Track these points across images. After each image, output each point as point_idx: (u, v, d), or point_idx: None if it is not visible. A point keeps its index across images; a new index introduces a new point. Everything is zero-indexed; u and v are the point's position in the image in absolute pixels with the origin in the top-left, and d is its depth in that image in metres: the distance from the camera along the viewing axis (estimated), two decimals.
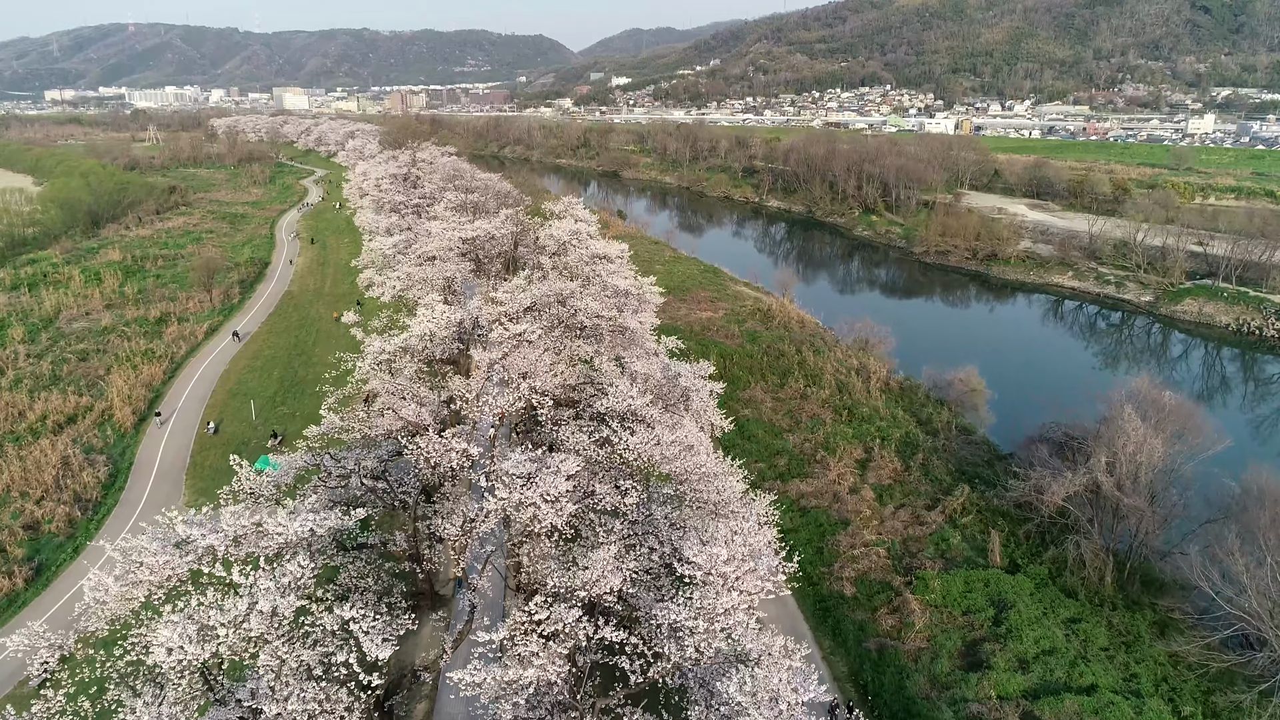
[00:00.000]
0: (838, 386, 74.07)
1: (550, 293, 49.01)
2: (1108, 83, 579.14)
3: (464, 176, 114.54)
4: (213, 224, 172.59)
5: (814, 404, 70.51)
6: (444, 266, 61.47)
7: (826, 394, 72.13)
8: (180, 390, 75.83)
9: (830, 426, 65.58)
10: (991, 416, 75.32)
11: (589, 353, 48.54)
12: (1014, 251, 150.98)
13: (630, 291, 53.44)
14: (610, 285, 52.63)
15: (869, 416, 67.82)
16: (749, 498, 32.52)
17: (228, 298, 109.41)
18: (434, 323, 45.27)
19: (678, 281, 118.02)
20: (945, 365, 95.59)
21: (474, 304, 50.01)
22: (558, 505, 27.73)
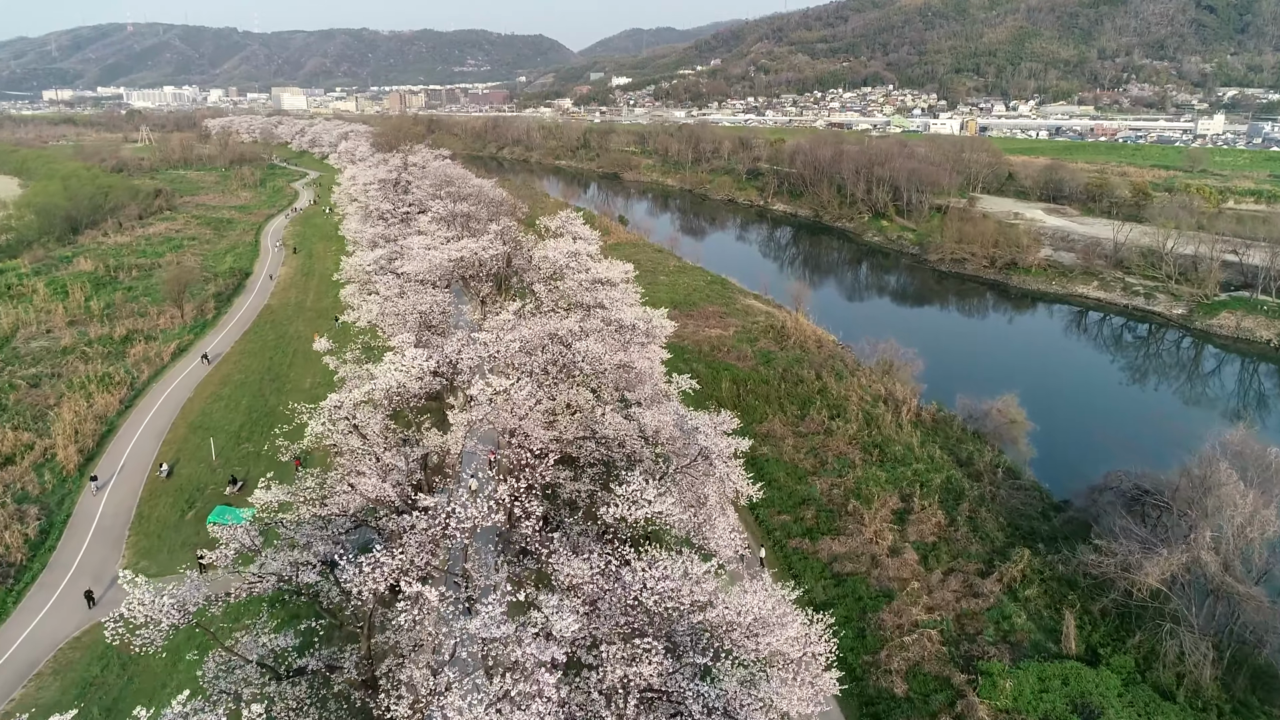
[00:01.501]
0: (865, 419, 66.77)
1: (544, 333, 41.83)
2: (1112, 83, 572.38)
3: (455, 183, 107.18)
4: (196, 229, 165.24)
5: (840, 440, 63.23)
6: (420, 297, 54.01)
7: (853, 429, 64.81)
8: (136, 423, 68.47)
9: (860, 469, 58.30)
10: (1031, 449, 68.17)
11: (589, 398, 41.42)
12: (1035, 260, 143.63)
13: (637, 325, 46.19)
14: (614, 319, 45.37)
15: (903, 456, 60.51)
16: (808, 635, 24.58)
17: (201, 313, 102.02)
18: (404, 371, 38.08)
19: (684, 295, 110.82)
20: (973, 385, 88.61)
21: (452, 346, 42.75)
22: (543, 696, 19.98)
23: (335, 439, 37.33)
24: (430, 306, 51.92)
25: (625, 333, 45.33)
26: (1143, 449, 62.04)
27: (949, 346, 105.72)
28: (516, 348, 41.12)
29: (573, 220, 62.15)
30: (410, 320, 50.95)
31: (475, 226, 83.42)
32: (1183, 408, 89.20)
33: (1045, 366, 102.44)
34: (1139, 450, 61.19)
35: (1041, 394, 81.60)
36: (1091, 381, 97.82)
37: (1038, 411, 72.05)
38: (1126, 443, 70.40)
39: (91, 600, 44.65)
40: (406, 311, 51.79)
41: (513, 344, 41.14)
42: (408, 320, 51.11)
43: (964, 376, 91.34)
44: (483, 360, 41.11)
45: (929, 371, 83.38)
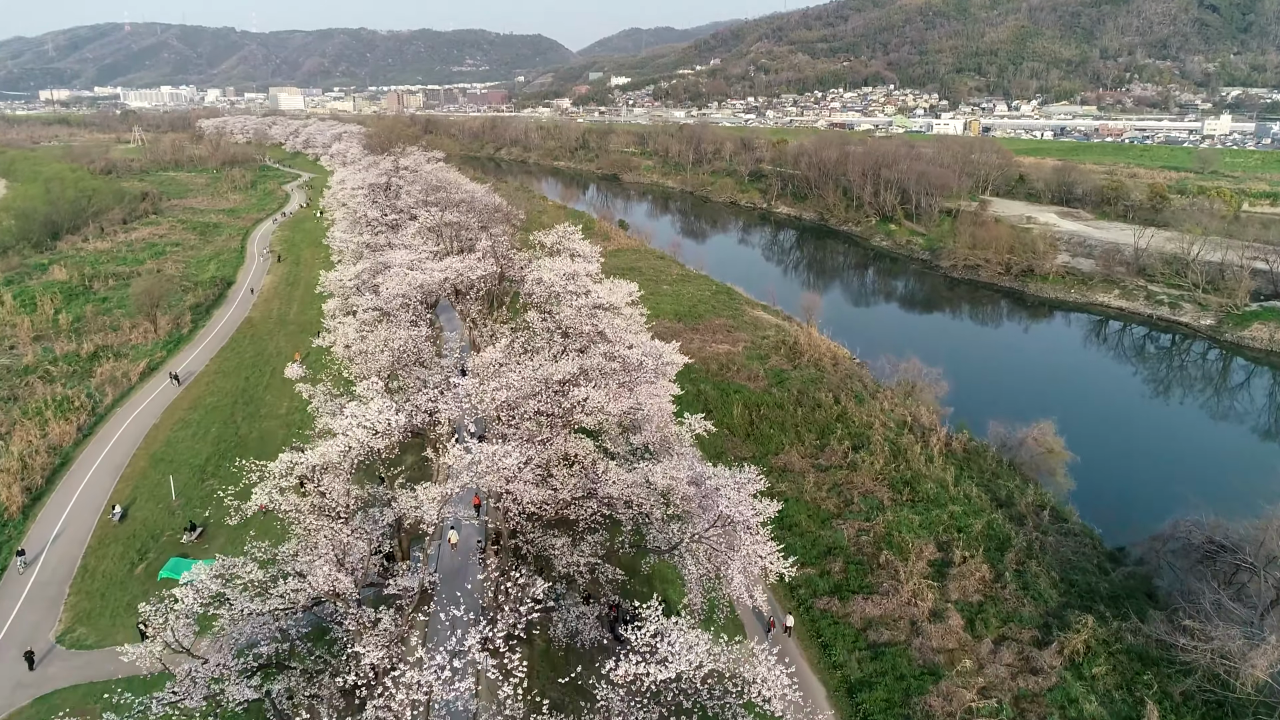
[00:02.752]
0: (891, 450, 60.92)
1: (535, 378, 35.98)
2: (1115, 82, 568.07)
3: (447, 188, 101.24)
4: (181, 235, 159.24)
5: (865, 476, 57.39)
6: (394, 332, 47.82)
7: (879, 463, 58.96)
8: (93, 456, 62.53)
9: (890, 511, 52.47)
10: (1070, 481, 62.40)
11: (589, 448, 35.66)
12: (1052, 267, 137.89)
13: (645, 362, 40.15)
14: (620, 355, 39.42)
15: (936, 496, 54.68)
16: None
17: (177, 326, 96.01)
18: (368, 428, 32.19)
19: (688, 305, 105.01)
20: (1001, 407, 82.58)
21: (425, 398, 36.80)
22: None
23: (285, 510, 31.61)
24: (405, 344, 45.66)
25: (631, 372, 39.47)
26: (1195, 481, 56.12)
27: (971, 362, 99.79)
28: (504, 397, 35.28)
29: (570, 235, 56.18)
30: (381, 360, 44.67)
31: (467, 236, 77.63)
32: (1233, 432, 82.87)
33: (1075, 384, 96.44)
34: (1190, 482, 55.29)
35: (1075, 416, 75.52)
36: (1127, 401, 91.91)
37: (1075, 438, 66.17)
38: (1176, 474, 64.63)
39: (31, 662, 39.20)
40: (375, 350, 45.52)
41: (498, 393, 35.29)
42: (378, 361, 44.88)
43: (990, 397, 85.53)
44: (464, 413, 35.52)
45: (954, 392, 77.63)
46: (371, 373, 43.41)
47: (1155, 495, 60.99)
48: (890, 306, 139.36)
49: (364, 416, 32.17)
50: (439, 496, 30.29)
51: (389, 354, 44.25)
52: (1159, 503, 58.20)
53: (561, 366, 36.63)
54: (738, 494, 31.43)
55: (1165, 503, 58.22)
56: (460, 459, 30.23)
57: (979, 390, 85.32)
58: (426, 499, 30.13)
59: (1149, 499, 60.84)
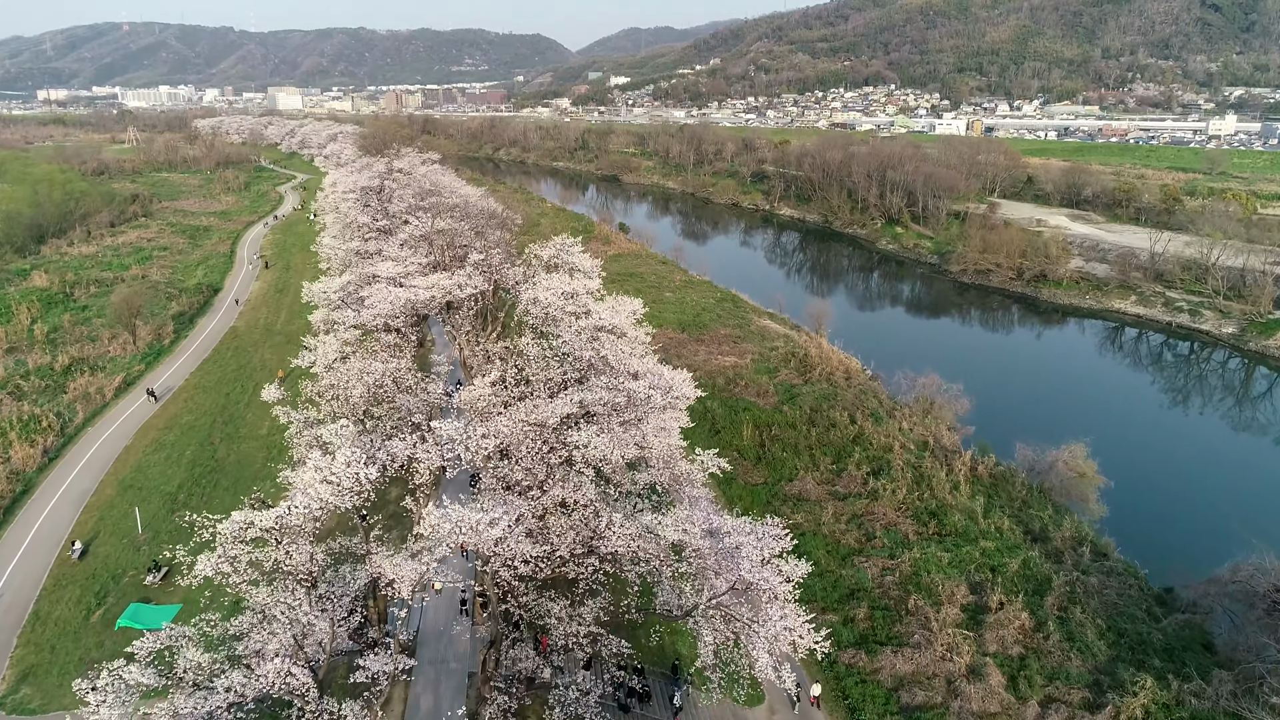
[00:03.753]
0: (914, 477, 56.74)
1: (528, 423, 31.67)
2: (1117, 82, 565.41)
3: (441, 192, 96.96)
4: (170, 239, 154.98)
5: (887, 506, 53.24)
6: (369, 366, 43.76)
7: (902, 491, 54.77)
8: (58, 482, 58.32)
9: (917, 548, 48.29)
10: (1102, 507, 58.31)
11: (588, 493, 31.45)
12: (1066, 272, 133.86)
13: (653, 396, 35.57)
14: (625, 388, 35.02)
15: (964, 529, 50.50)
16: None
17: (159, 337, 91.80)
18: (333, 484, 27.87)
19: (692, 314, 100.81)
20: (1025, 423, 78.61)
21: (401, 446, 32.35)
22: None
23: (235, 583, 27.35)
24: (382, 377, 41.12)
25: (638, 408, 35.10)
26: (1239, 510, 52.13)
27: (988, 374, 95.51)
28: (491, 447, 31.04)
29: (569, 249, 51.80)
30: (354, 397, 40.11)
31: (460, 244, 73.36)
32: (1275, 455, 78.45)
33: (1099, 397, 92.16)
34: (1234, 510, 51.32)
35: (1102, 433, 71.08)
36: (1157, 416, 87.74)
37: (1105, 459, 61.88)
38: (1218, 502, 60.50)
39: None
40: (349, 385, 40.96)
41: (485, 443, 31.02)
42: (350, 398, 40.34)
43: (1012, 413, 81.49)
44: (446, 464, 31.36)
45: (973, 407, 73.44)
46: (344, 410, 38.93)
47: (1198, 526, 56.93)
48: (900, 313, 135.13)
49: (329, 470, 27.95)
50: (413, 575, 26.03)
51: (363, 389, 39.81)
52: (1204, 536, 54.21)
53: (558, 406, 32.32)
54: (761, 553, 27.31)
55: (1210, 536, 54.28)
56: (439, 526, 26.04)
57: (999, 405, 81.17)
58: (401, 575, 25.90)
59: (1191, 530, 56.74)
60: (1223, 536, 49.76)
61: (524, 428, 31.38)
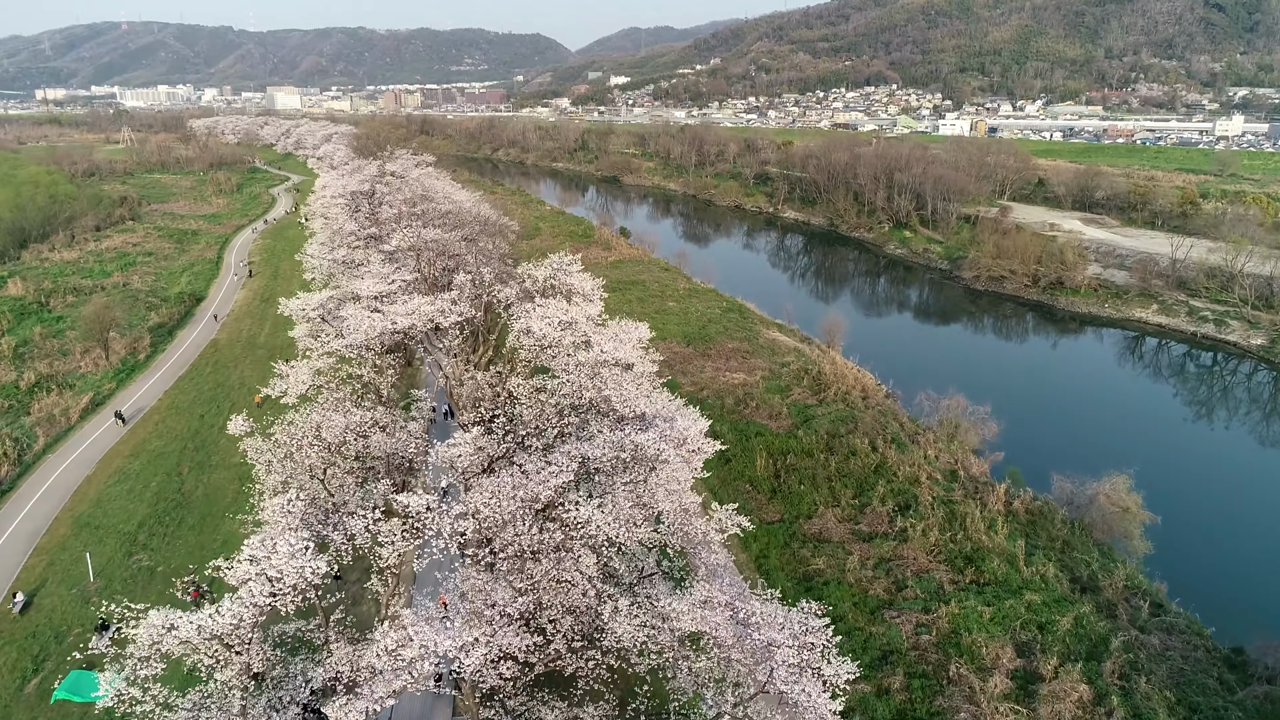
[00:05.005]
0: (946, 515, 51.75)
1: (519, 499, 26.52)
2: (1120, 82, 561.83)
3: (433, 197, 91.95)
4: (156, 243, 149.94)
5: (917, 549, 48.28)
6: (329, 420, 34.87)
7: (934, 532, 49.78)
8: (7, 519, 53.24)
9: (954, 600, 43.32)
10: (1146, 544, 53.39)
11: (589, 569, 26.50)
12: (1084, 279, 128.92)
13: (665, 452, 30.31)
14: (633, 441, 29.85)
15: (1005, 578, 45.53)
16: None
17: (133, 351, 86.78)
18: (274, 583, 22.78)
19: (697, 326, 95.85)
20: (1051, 444, 74.04)
21: (361, 524, 27.31)
22: None
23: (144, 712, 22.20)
24: (344, 434, 35.52)
25: (645, 464, 30.01)
26: None
27: (1012, 390, 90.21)
28: (470, 530, 26.02)
29: (568, 268, 46.59)
30: (310, 458, 34.33)
31: (453, 254, 68.35)
32: None
33: (1133, 416, 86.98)
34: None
35: (1138, 457, 66.49)
36: (1195, 436, 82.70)
37: (1147, 486, 56.97)
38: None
39: None
40: (303, 443, 35.22)
41: (463, 528, 25.92)
42: (306, 459, 34.56)
43: (1040, 434, 76.52)
44: (415, 549, 26.39)
45: (1000, 429, 68.51)
46: (298, 471, 33.55)
47: (1261, 569, 51.97)
48: (912, 322, 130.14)
49: (269, 564, 22.96)
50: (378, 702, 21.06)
51: (319, 449, 34.47)
52: (1271, 581, 49.29)
53: (553, 475, 27.33)
54: (797, 654, 22.44)
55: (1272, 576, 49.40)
56: (401, 653, 21.06)
57: (1027, 427, 76.09)
58: (367, 693, 20.88)
59: (1253, 574, 51.78)
60: None
61: (509, 504, 26.47)
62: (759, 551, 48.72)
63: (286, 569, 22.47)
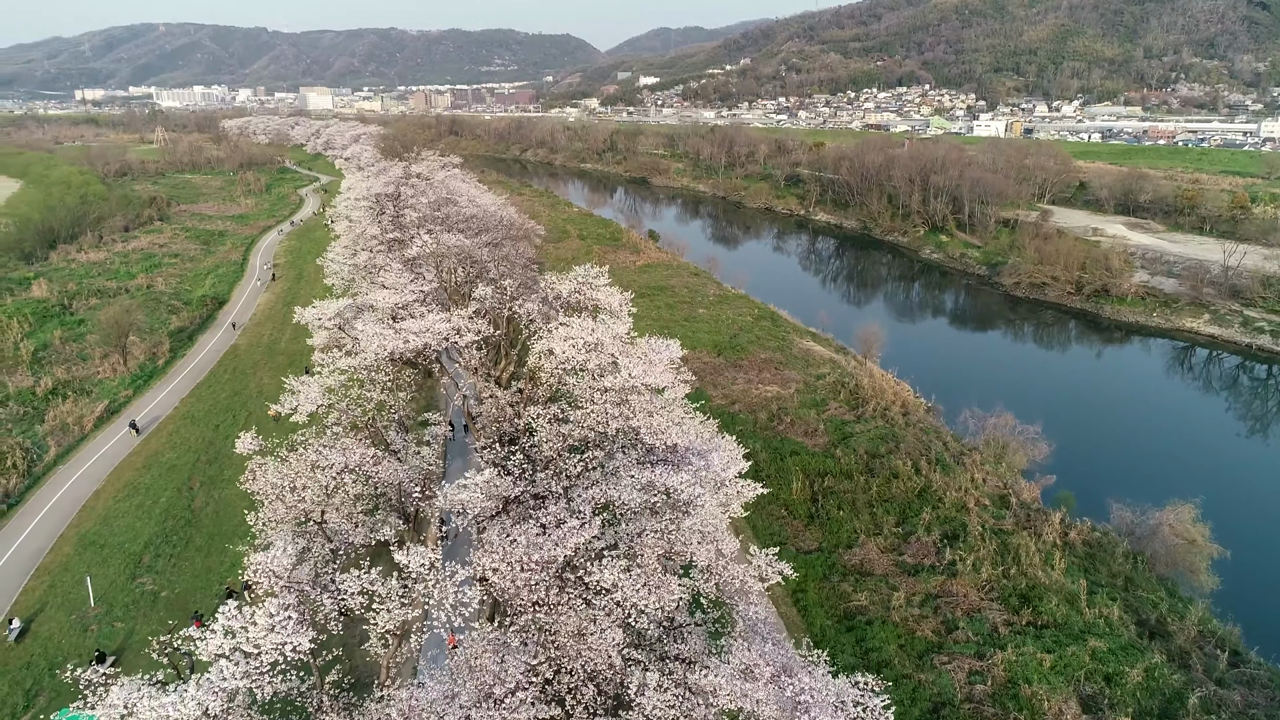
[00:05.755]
0: (998, 547, 48.16)
1: (542, 560, 23.47)
2: (1160, 82, 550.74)
3: (457, 201, 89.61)
4: (183, 245, 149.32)
5: (968, 585, 44.81)
6: (324, 455, 31.84)
7: (985, 565, 46.22)
8: (11, 536, 51.28)
9: (1010, 645, 39.74)
10: (1213, 578, 49.50)
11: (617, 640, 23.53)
12: (1130, 286, 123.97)
13: (701, 498, 27.20)
14: (664, 485, 26.75)
15: (1066, 620, 41.91)
16: None
17: (153, 357, 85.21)
18: (250, 661, 20.06)
19: (728, 334, 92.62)
20: (1106, 464, 70.14)
21: (356, 584, 24.40)
22: None
23: None
24: (341, 475, 32.42)
25: (679, 509, 26.91)
26: None
27: (1060, 404, 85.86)
28: (477, 603, 23.03)
29: (594, 282, 43.40)
30: (305, 501, 30.96)
31: (475, 261, 65.78)
32: None
33: (1191, 435, 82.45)
34: None
35: (1195, 479, 62.41)
36: (1259, 456, 78.06)
37: (1212, 517, 52.97)
38: None
39: None
40: (296, 483, 32.34)
41: (469, 598, 22.99)
42: (299, 503, 31.24)
43: (1092, 455, 72.44)
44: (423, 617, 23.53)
45: (1051, 449, 64.67)
46: (289, 515, 30.63)
47: None
48: (950, 330, 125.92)
49: (248, 636, 20.11)
50: None
51: (315, 490, 31.55)
52: None
53: (571, 532, 24.24)
54: None
55: None
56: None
57: (1077, 444, 72.12)
58: None
59: None
60: None
61: (524, 565, 23.49)
62: (796, 585, 45.50)
63: (265, 644, 19.84)
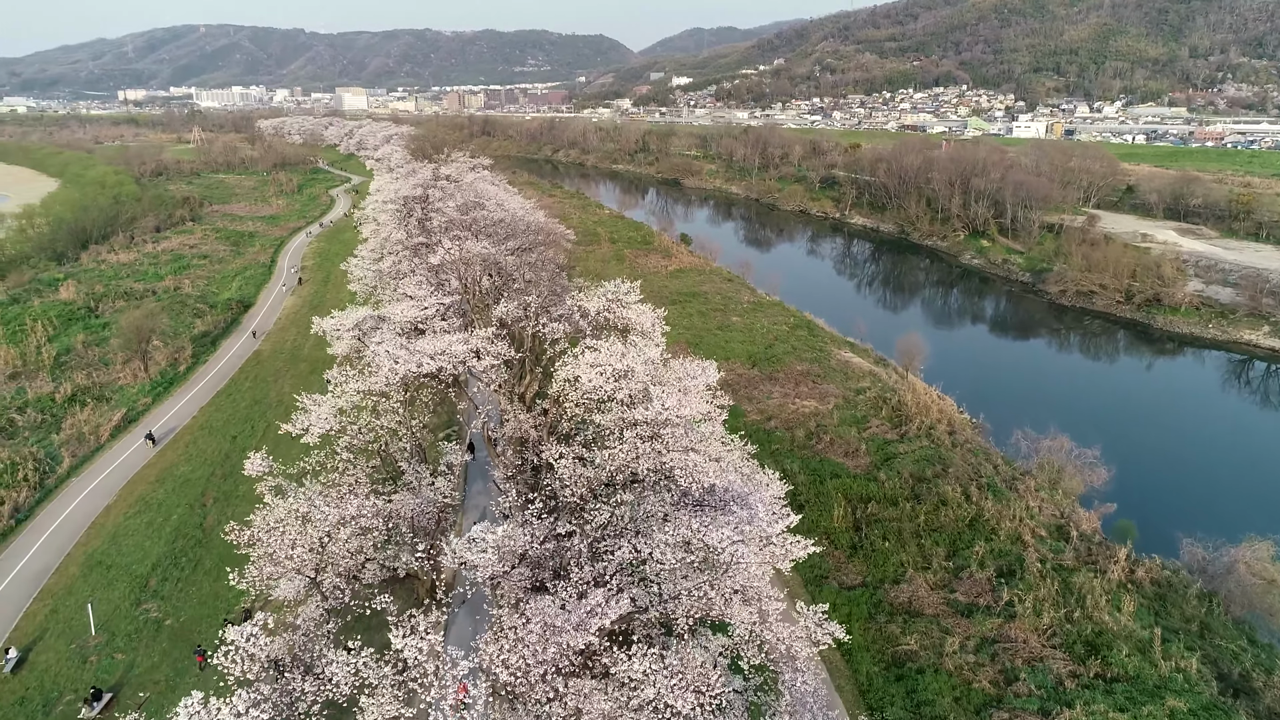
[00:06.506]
0: (1061, 586, 44.41)
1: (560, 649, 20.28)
2: (1206, 82, 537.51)
3: (485, 205, 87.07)
4: (212, 246, 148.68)
5: (1027, 629, 41.16)
6: (318, 508, 28.03)
7: (1046, 609, 42.49)
8: (16, 555, 49.34)
9: (1078, 701, 36.02)
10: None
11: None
12: (1184, 296, 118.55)
13: (745, 559, 23.91)
14: (702, 543, 23.50)
15: (1139, 673, 38.12)
16: None
17: (175, 362, 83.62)
18: None
19: (763, 345, 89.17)
20: (1167, 493, 65.84)
21: (344, 665, 21.37)
22: None
23: None
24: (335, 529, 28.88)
25: (720, 570, 23.80)
26: None
27: (1115, 421, 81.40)
28: (484, 700, 20.14)
29: (625, 299, 40.04)
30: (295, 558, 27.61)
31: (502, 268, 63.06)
32: None
33: (1264, 460, 77.19)
34: None
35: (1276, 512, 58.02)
36: None
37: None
38: None
39: None
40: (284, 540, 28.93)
41: (474, 697, 20.06)
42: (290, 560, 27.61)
43: (1156, 482, 68.01)
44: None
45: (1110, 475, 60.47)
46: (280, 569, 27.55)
47: None
48: (993, 340, 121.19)
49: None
50: None
51: (303, 549, 28.55)
52: None
53: (598, 610, 21.14)
54: None
55: None
56: None
57: (1135, 466, 67.72)
58: None
59: None
60: None
61: (540, 652, 20.46)
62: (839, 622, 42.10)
63: None
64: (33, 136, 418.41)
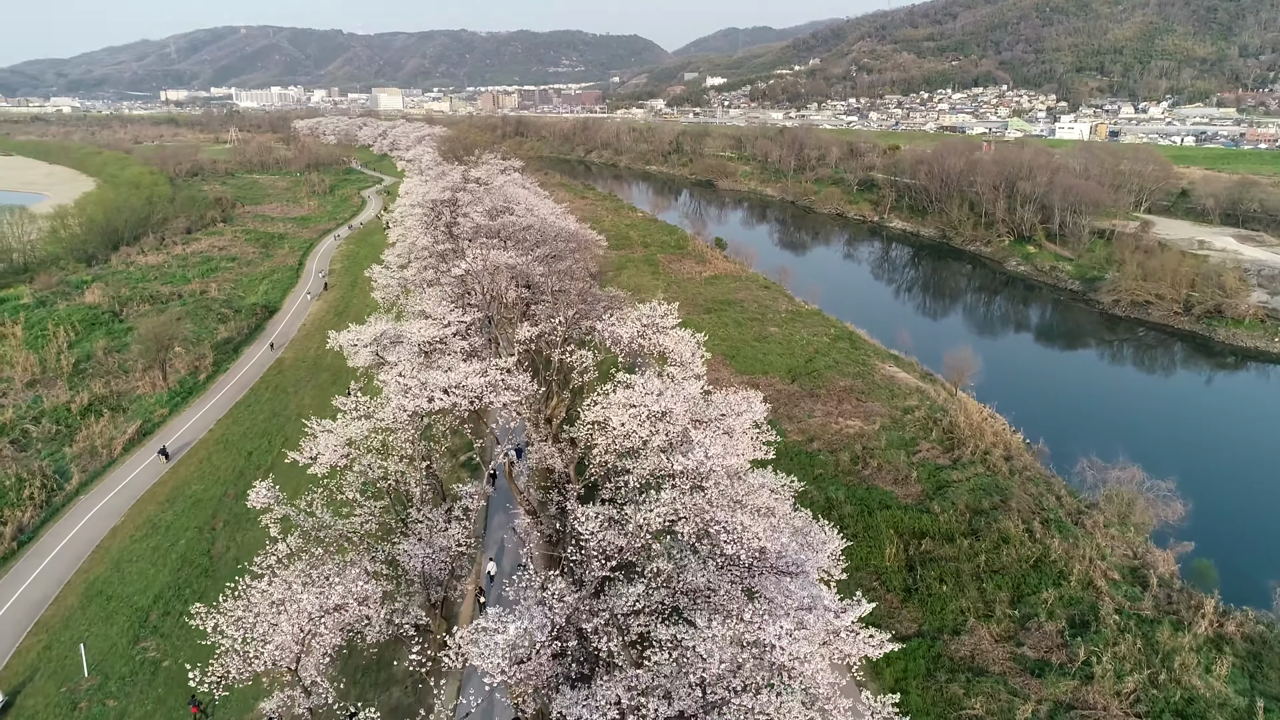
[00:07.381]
0: (1143, 641, 39.94)
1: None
2: (1257, 82, 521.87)
3: (514, 210, 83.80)
4: (241, 247, 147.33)
5: (1107, 693, 36.77)
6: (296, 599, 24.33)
7: (1128, 670, 38.09)
8: (14, 584, 46.76)
9: None
10: None
11: None
12: (1248, 308, 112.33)
13: (807, 652, 20.39)
14: (755, 639, 19.95)
15: None
16: None
17: (195, 371, 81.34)
18: None
19: (803, 358, 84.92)
20: (1246, 534, 60.68)
21: None
22: None
23: None
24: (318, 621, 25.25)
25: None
26: None
27: (1183, 444, 76.26)
28: None
29: (662, 322, 36.14)
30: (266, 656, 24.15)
31: (528, 280, 59.76)
32: None
33: None
34: None
35: None
36: None
37: None
38: None
39: None
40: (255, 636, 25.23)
41: None
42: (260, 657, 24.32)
43: (1233, 516, 62.59)
44: None
45: (1186, 510, 55.54)
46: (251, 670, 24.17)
47: None
48: (1043, 352, 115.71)
49: None
50: None
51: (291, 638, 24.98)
52: None
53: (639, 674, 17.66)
54: None
55: None
56: None
57: (1207, 497, 62.53)
58: None
59: None
60: None
61: None
62: (894, 681, 38.14)
63: None
64: (75, 136, 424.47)
